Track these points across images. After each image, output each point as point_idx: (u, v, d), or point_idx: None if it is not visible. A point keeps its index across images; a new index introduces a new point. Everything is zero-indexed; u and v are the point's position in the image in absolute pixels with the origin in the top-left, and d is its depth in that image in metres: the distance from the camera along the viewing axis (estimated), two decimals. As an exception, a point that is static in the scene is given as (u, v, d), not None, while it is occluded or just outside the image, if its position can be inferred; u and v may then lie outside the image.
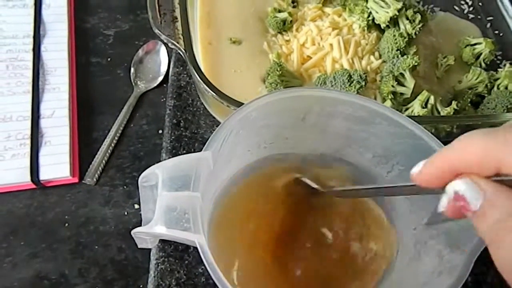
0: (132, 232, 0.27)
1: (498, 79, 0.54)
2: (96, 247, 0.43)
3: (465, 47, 0.57)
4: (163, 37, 0.43)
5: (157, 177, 0.26)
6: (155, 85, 0.54)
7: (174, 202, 0.25)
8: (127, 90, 0.53)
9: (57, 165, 0.46)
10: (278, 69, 0.46)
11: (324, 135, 0.38)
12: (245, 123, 0.31)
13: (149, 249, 0.43)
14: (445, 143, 0.31)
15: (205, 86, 0.41)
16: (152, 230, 0.25)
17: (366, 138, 0.36)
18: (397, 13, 0.51)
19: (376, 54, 0.52)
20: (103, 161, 0.47)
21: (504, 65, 0.58)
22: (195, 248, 0.31)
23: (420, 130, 0.32)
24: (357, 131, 0.36)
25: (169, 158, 0.32)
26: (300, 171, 0.40)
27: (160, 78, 0.54)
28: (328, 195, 0.37)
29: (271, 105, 0.32)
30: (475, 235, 0.27)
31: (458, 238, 0.29)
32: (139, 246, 0.32)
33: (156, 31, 0.42)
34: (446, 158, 0.23)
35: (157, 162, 0.29)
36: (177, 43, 0.42)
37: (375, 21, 0.52)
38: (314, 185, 0.37)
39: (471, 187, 0.21)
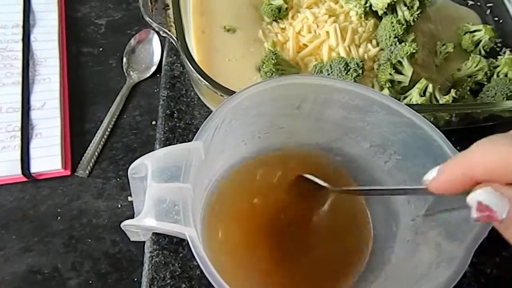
0: (122, 224, 0.26)
1: (497, 66, 0.53)
2: (90, 240, 0.43)
3: (465, 34, 0.56)
4: (154, 25, 0.42)
5: (147, 168, 0.26)
6: (148, 75, 0.52)
7: (163, 193, 0.25)
8: (119, 80, 0.52)
9: (48, 158, 0.45)
10: (274, 58, 0.45)
11: (320, 124, 0.37)
12: (238, 112, 0.31)
13: (143, 242, 0.42)
14: (444, 132, 0.31)
15: (198, 75, 0.40)
16: (141, 223, 0.24)
17: (363, 127, 0.35)
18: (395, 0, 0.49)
19: (374, 42, 0.51)
20: (96, 153, 0.46)
21: (504, 52, 0.57)
22: (190, 241, 0.31)
23: (418, 119, 0.31)
24: (353, 120, 0.35)
25: (162, 149, 0.31)
26: (296, 162, 0.40)
27: (153, 68, 0.53)
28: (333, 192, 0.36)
29: (264, 93, 0.31)
30: (474, 226, 0.27)
31: (458, 229, 0.28)
32: (131, 239, 0.31)
33: (147, 18, 0.41)
34: (464, 165, 0.22)
35: (151, 154, 0.28)
36: (169, 31, 0.41)
37: (373, 8, 0.51)
38: (322, 183, 0.36)
39: (495, 196, 0.20)
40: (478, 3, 0.63)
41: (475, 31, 0.56)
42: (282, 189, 0.39)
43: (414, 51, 0.46)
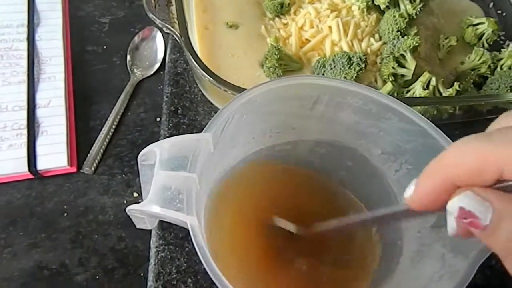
0: (127, 209, 0.27)
1: (501, 59, 0.53)
2: (96, 236, 0.43)
3: (468, 27, 0.56)
4: (157, 21, 0.42)
5: (156, 155, 0.26)
6: (152, 72, 0.53)
7: (169, 181, 0.25)
8: (123, 78, 0.52)
9: (54, 155, 0.45)
10: (276, 53, 0.45)
11: (333, 127, 0.36)
12: (249, 108, 0.30)
13: (149, 238, 0.42)
14: (449, 125, 0.31)
15: (201, 71, 0.40)
16: (145, 208, 0.25)
17: (375, 133, 0.35)
18: (397, -7, 0.49)
19: (376, 36, 0.51)
20: (101, 150, 0.47)
21: (508, 45, 0.57)
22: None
23: (431, 128, 0.30)
24: (366, 125, 0.34)
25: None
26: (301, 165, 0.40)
27: (157, 65, 0.53)
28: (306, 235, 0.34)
29: (277, 91, 0.31)
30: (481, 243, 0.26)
31: (463, 243, 0.27)
32: (137, 226, 0.31)
33: (150, 15, 0.42)
34: (440, 171, 0.20)
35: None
36: (172, 27, 0.42)
37: (375, 2, 0.51)
38: (292, 229, 0.34)
39: (476, 200, 0.19)
40: (481, -4, 0.63)
41: (478, 24, 0.56)
42: (288, 192, 0.39)
43: (417, 44, 0.46)
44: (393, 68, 0.46)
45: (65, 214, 0.44)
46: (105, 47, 0.54)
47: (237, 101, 0.29)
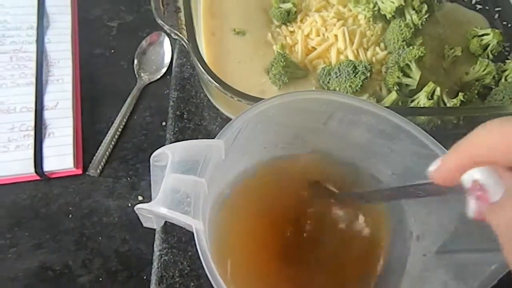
0: (135, 207, 0.27)
1: (506, 70, 0.53)
2: (100, 238, 0.43)
3: (473, 38, 0.56)
4: (166, 27, 0.42)
5: (168, 157, 0.26)
6: (159, 77, 0.53)
7: (178, 184, 0.25)
8: (130, 81, 0.53)
9: (60, 157, 0.46)
10: (282, 60, 0.46)
11: (344, 143, 0.36)
12: (263, 118, 0.31)
13: (153, 241, 0.43)
14: (452, 136, 0.31)
15: (208, 76, 0.40)
16: (154, 208, 0.25)
17: (387, 153, 0.35)
18: (403, 3, 0.50)
19: (382, 45, 0.52)
20: (107, 153, 0.47)
21: (512, 56, 0.57)
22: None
23: (443, 153, 0.30)
24: (378, 145, 0.35)
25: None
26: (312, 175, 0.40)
27: (164, 70, 0.54)
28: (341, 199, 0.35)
29: (292, 104, 0.31)
30: (486, 271, 0.26)
31: (467, 272, 0.28)
32: (144, 225, 0.32)
33: (159, 21, 0.42)
34: (466, 148, 0.21)
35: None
36: (180, 33, 0.42)
37: (381, 11, 0.52)
38: (333, 188, 0.35)
39: (492, 176, 0.19)
40: (487, 7, 0.63)
41: (483, 35, 0.56)
42: (295, 200, 0.39)
43: (422, 54, 0.46)
44: (398, 77, 0.46)
45: (70, 215, 0.44)
46: (112, 51, 0.55)
47: (252, 111, 0.29)
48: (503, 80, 0.52)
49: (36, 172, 0.44)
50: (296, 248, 0.37)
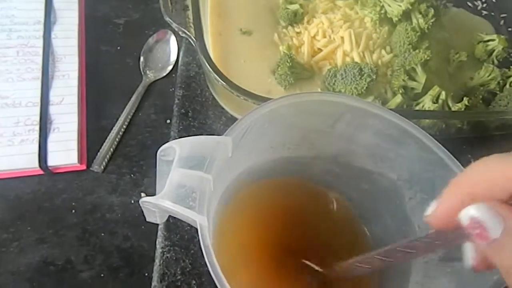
0: (141, 200, 0.27)
1: (510, 76, 0.53)
2: (102, 234, 0.43)
3: (478, 43, 0.57)
4: (174, 25, 0.43)
5: (175, 152, 0.26)
6: (164, 74, 0.53)
7: (185, 179, 0.25)
8: (136, 79, 0.53)
9: (65, 152, 0.46)
10: (288, 61, 0.46)
11: (351, 147, 0.36)
12: (272, 118, 0.31)
13: (155, 238, 0.43)
14: (456, 140, 0.31)
15: (215, 75, 0.40)
16: (159, 202, 0.25)
17: (393, 158, 0.35)
18: (410, 7, 0.50)
19: (388, 48, 0.52)
20: (111, 149, 0.47)
21: (517, 62, 0.57)
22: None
23: (449, 158, 0.30)
24: (385, 149, 0.34)
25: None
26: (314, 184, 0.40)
27: (169, 68, 0.54)
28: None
29: (301, 105, 0.31)
30: (489, 281, 0.26)
31: (470, 282, 0.27)
32: (147, 219, 0.32)
33: (167, 19, 0.42)
34: (462, 186, 0.21)
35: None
36: (188, 31, 0.42)
37: (387, 14, 0.52)
38: (318, 269, 0.35)
39: (490, 213, 0.19)
40: (492, 13, 0.63)
41: (488, 40, 0.56)
42: (299, 208, 0.39)
43: (428, 58, 0.47)
44: (403, 80, 0.47)
45: (73, 211, 0.44)
46: (119, 47, 0.55)
47: (261, 110, 0.29)
48: (507, 85, 0.53)
49: (40, 166, 0.44)
50: (298, 249, 0.37)
